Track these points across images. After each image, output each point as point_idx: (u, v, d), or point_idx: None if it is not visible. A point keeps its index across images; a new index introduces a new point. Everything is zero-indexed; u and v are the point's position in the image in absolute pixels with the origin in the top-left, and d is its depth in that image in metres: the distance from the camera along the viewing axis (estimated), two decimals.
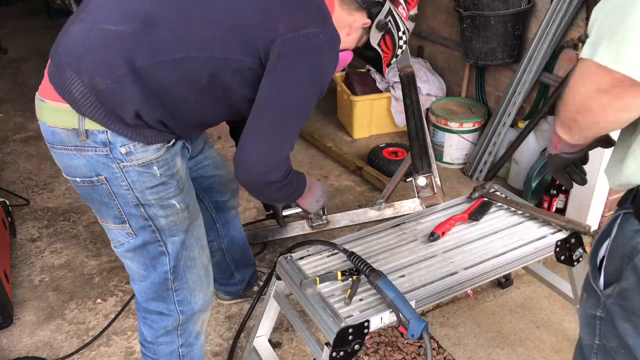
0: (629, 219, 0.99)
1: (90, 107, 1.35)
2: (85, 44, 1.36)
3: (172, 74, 1.36)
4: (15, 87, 4.68)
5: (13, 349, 2.21)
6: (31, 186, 3.28)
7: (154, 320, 1.68)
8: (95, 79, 1.34)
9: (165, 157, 1.48)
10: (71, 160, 1.44)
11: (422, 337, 1.41)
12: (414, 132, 2.29)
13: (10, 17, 6.53)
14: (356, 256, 1.60)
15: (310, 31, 1.36)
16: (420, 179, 1.79)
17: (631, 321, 0.99)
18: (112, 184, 1.45)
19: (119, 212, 1.50)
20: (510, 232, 1.84)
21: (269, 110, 1.40)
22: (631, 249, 0.95)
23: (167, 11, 1.35)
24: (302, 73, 1.37)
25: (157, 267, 1.58)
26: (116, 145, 1.40)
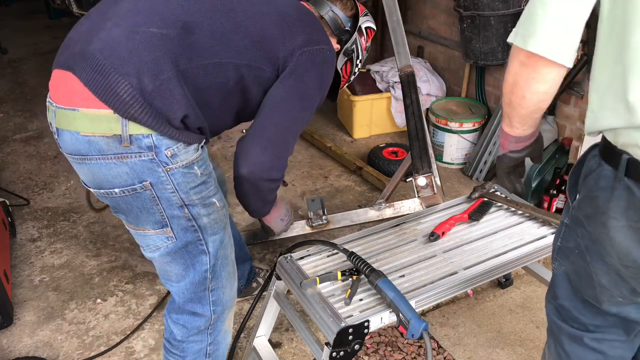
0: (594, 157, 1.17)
1: (140, 108, 1.33)
2: (129, 47, 1.35)
3: (205, 78, 1.44)
4: (15, 87, 4.69)
5: (13, 349, 2.21)
6: (31, 186, 3.29)
7: (187, 321, 1.66)
8: (143, 80, 1.33)
9: (203, 156, 1.51)
10: (110, 170, 1.40)
11: (422, 337, 1.41)
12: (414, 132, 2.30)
13: (10, 17, 6.53)
14: (356, 256, 1.60)
15: (322, 47, 1.58)
16: (420, 179, 1.79)
17: (582, 226, 1.19)
18: (157, 189, 1.43)
19: (161, 216, 1.48)
20: (510, 232, 1.84)
21: (281, 110, 1.54)
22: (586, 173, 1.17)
23: (202, 19, 1.44)
24: (314, 81, 1.56)
25: (197, 266, 1.57)
26: (161, 148, 1.39)
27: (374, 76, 3.83)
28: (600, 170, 1.13)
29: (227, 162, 3.44)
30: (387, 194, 2.65)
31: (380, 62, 3.96)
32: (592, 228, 1.16)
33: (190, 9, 1.44)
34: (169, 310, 1.70)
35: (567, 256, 1.26)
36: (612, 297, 1.18)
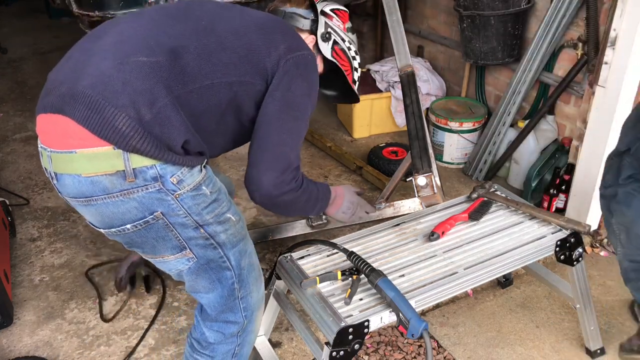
0: None
1: (141, 139, 1.30)
2: (121, 78, 1.32)
3: (200, 102, 1.42)
4: (15, 87, 4.69)
5: (13, 349, 2.21)
6: (31, 186, 3.28)
7: (222, 328, 1.66)
8: (140, 110, 1.31)
9: (209, 174, 1.49)
10: (118, 207, 1.37)
11: (422, 337, 1.41)
12: (414, 132, 2.30)
13: (10, 17, 6.54)
14: (356, 256, 1.60)
15: (303, 52, 1.55)
16: (420, 178, 1.79)
17: None
18: (169, 217, 1.42)
19: (178, 241, 1.47)
20: (510, 231, 1.84)
21: (275, 127, 1.52)
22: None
23: (187, 42, 1.41)
24: (302, 88, 1.53)
25: (223, 280, 1.57)
26: (167, 177, 1.37)
27: (374, 76, 3.83)
28: None
29: (227, 162, 3.44)
30: (387, 193, 2.65)
31: (380, 62, 3.96)
32: None
33: (174, 34, 1.42)
34: (203, 317, 1.68)
35: None
36: None
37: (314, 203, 1.69)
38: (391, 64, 3.84)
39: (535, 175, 2.91)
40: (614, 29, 2.30)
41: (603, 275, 2.55)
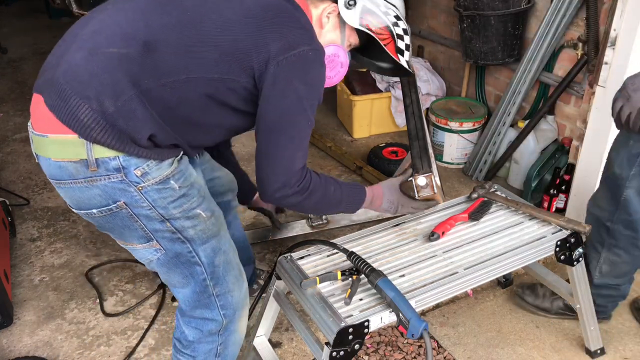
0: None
1: (102, 131, 1.33)
2: (89, 69, 1.34)
3: (173, 96, 1.38)
4: (15, 87, 4.69)
5: (13, 349, 2.21)
6: (31, 186, 3.28)
7: (199, 324, 1.66)
8: (104, 102, 1.32)
9: (180, 168, 1.47)
10: (82, 192, 1.41)
11: (422, 337, 1.41)
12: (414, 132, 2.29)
13: (10, 17, 6.53)
14: (356, 256, 1.60)
15: (301, 50, 1.41)
16: (420, 178, 1.79)
17: None
18: (132, 207, 1.43)
19: (143, 231, 1.48)
20: (510, 232, 1.84)
21: (274, 132, 1.46)
22: None
23: (165, 36, 1.37)
24: (299, 91, 1.42)
25: (195, 276, 1.58)
26: (130, 169, 1.38)
27: (374, 76, 3.83)
28: None
29: None
30: None
31: None
32: None
33: (154, 25, 1.38)
34: (181, 313, 1.69)
35: None
36: None
37: (334, 204, 1.67)
38: None
39: (535, 175, 2.91)
40: (614, 29, 2.30)
41: None
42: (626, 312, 2.33)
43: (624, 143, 1.78)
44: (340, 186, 1.67)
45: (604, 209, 1.95)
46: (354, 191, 1.72)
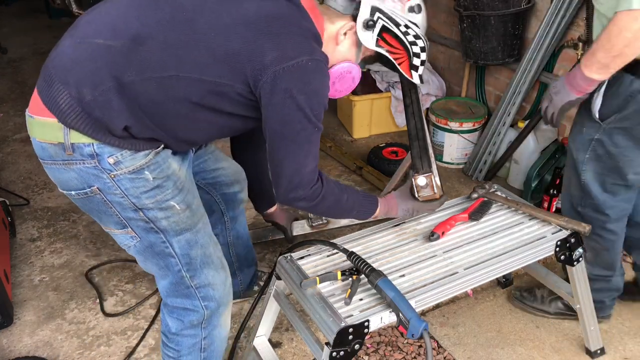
0: (620, 76, 1.71)
1: (77, 117, 1.37)
2: (73, 57, 1.38)
3: (161, 90, 1.38)
4: (15, 87, 4.69)
5: (13, 349, 2.21)
6: (31, 186, 3.28)
7: (180, 314, 1.69)
8: (82, 90, 1.36)
9: (156, 160, 1.48)
10: (62, 174, 1.46)
11: (422, 337, 1.41)
12: (414, 132, 2.28)
13: (10, 17, 6.53)
14: (356, 256, 1.60)
15: (299, 60, 1.37)
16: (420, 178, 1.79)
17: (626, 133, 1.79)
18: (105, 193, 1.46)
19: (118, 218, 1.51)
20: (510, 232, 1.84)
21: (278, 139, 1.47)
22: (631, 93, 1.71)
23: (157, 31, 1.37)
24: (299, 101, 1.39)
25: (170, 267, 1.60)
26: (103, 156, 1.41)
27: (374, 76, 3.82)
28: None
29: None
30: (386, 193, 2.65)
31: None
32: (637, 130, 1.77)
33: (146, 20, 1.38)
34: (163, 304, 1.72)
35: (596, 160, 1.89)
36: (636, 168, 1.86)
37: (346, 211, 1.70)
38: None
39: (535, 175, 2.91)
40: None
41: None
42: (626, 312, 2.33)
43: (578, 130, 1.92)
44: (354, 195, 1.70)
45: (574, 195, 2.04)
46: (366, 201, 1.75)
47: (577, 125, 1.94)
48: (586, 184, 1.95)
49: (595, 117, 1.82)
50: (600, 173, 1.92)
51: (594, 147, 1.87)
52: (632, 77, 1.71)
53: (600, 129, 1.83)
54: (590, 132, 1.86)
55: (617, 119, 1.79)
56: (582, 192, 1.98)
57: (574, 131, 1.96)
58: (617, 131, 1.81)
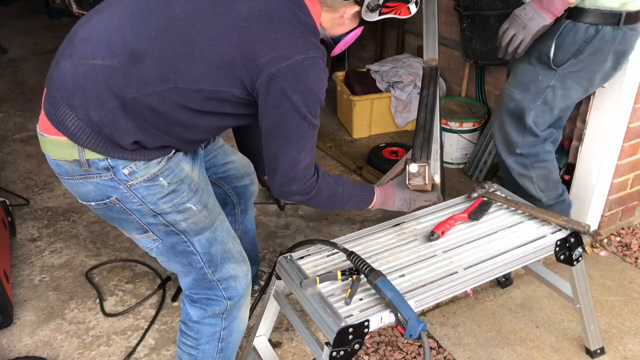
0: (572, 26, 1.97)
1: (87, 139, 1.39)
2: (74, 80, 1.38)
3: (163, 102, 1.39)
4: (15, 87, 4.68)
5: (13, 349, 2.21)
6: (31, 186, 3.28)
7: (204, 304, 1.71)
8: (88, 112, 1.37)
9: (169, 166, 1.51)
10: (79, 188, 1.49)
11: (420, 338, 1.40)
12: (422, 123, 2.29)
13: (10, 17, 6.53)
14: (356, 256, 1.60)
15: (294, 60, 1.36)
16: (413, 165, 1.78)
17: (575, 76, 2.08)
18: (124, 203, 1.49)
19: (139, 224, 1.54)
20: (510, 231, 1.84)
21: (273, 137, 1.48)
22: (587, 39, 1.97)
23: (152, 46, 1.36)
24: (294, 100, 1.39)
25: (193, 264, 1.63)
26: (118, 168, 1.44)
27: (374, 76, 3.83)
28: (602, 31, 1.95)
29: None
30: (384, 182, 2.64)
31: (380, 62, 3.96)
32: (588, 71, 2.05)
33: (140, 34, 1.36)
34: (186, 297, 1.74)
35: (543, 104, 2.15)
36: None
37: (342, 203, 1.71)
38: (391, 64, 3.85)
39: None
40: None
41: (603, 275, 2.55)
42: (626, 312, 2.33)
43: (533, 79, 2.14)
44: (350, 187, 1.71)
45: (513, 142, 2.28)
46: (363, 192, 1.76)
47: (526, 76, 2.16)
48: (530, 127, 2.22)
49: (551, 64, 2.05)
50: (538, 115, 2.19)
51: (546, 93, 2.12)
52: (587, 25, 1.94)
53: (555, 76, 2.07)
54: (547, 79, 2.10)
55: (572, 64, 2.03)
56: (525, 134, 2.24)
57: (522, 83, 2.17)
58: (568, 75, 2.06)
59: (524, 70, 2.18)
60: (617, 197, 2.70)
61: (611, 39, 1.98)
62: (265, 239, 2.81)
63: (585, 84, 2.12)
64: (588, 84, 2.14)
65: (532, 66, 2.14)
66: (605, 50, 2.01)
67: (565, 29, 1.99)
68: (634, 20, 1.99)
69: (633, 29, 2.02)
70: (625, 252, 2.70)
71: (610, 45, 2.00)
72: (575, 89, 2.13)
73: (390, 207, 1.82)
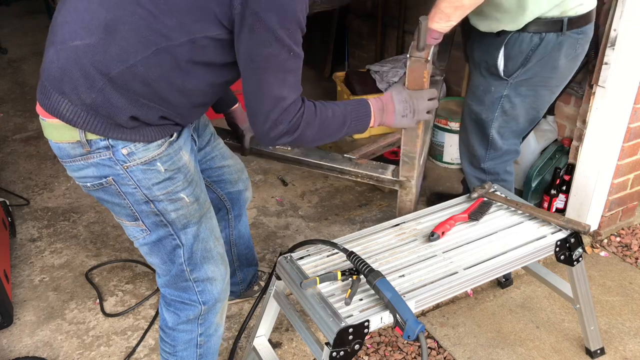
0: (517, 36, 1.99)
1: (85, 122, 1.39)
2: (59, 66, 1.38)
3: (149, 71, 1.36)
4: (15, 87, 4.69)
5: (13, 349, 2.21)
6: (31, 186, 3.29)
7: (177, 308, 1.71)
8: (80, 95, 1.37)
9: (168, 152, 1.50)
10: (80, 169, 1.49)
11: (418, 339, 1.40)
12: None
13: (10, 17, 6.54)
14: (355, 256, 1.60)
15: None
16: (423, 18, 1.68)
17: (528, 83, 2.08)
18: (119, 184, 1.49)
19: (130, 210, 1.54)
20: (510, 232, 1.84)
21: (251, 69, 1.39)
22: (532, 47, 1.99)
23: (123, 13, 1.34)
24: (268, 22, 1.31)
25: (174, 260, 1.62)
26: (118, 147, 1.44)
27: (374, 76, 3.82)
28: (546, 38, 1.96)
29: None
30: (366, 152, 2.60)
31: (381, 63, 3.96)
32: (540, 77, 2.05)
33: (109, 5, 1.34)
34: (162, 297, 1.74)
35: (502, 115, 2.16)
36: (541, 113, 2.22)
37: (338, 128, 1.58)
38: (391, 64, 3.84)
39: (535, 175, 2.91)
40: (614, 29, 2.30)
41: (603, 275, 2.55)
42: (626, 312, 2.33)
43: (485, 91, 2.15)
44: (339, 107, 1.57)
45: (477, 156, 2.32)
46: (357, 105, 1.62)
47: (479, 89, 2.17)
48: (493, 138, 2.23)
49: (501, 75, 2.07)
50: (502, 126, 2.20)
51: (502, 103, 2.13)
52: (530, 34, 1.96)
53: (507, 85, 2.09)
54: (499, 89, 2.11)
55: (521, 73, 2.04)
56: (487, 148, 2.27)
57: (477, 95, 2.19)
58: (520, 83, 2.07)
59: (476, 82, 2.19)
60: (617, 198, 2.70)
61: (557, 45, 1.98)
62: (265, 239, 2.81)
63: (542, 90, 2.11)
64: (545, 90, 2.12)
65: (483, 78, 2.15)
66: (553, 56, 2.00)
67: (510, 40, 2.00)
68: (578, 24, 1.98)
69: (580, 33, 2.00)
70: (625, 252, 2.70)
71: (557, 50, 1.99)
72: (533, 96, 2.11)
73: (391, 115, 1.67)
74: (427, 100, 1.73)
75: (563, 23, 1.95)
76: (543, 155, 2.97)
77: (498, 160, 2.31)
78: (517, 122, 2.20)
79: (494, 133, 2.22)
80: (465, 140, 2.35)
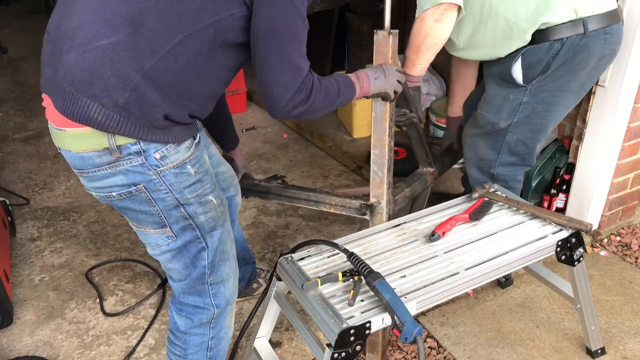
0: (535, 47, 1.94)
1: (117, 125, 1.35)
2: (87, 68, 1.33)
3: (178, 60, 1.35)
4: (15, 87, 4.68)
5: (13, 349, 2.21)
6: (31, 186, 3.28)
7: (190, 312, 1.70)
8: (113, 96, 1.33)
9: (196, 154, 1.51)
10: (106, 178, 1.44)
11: (415, 341, 1.40)
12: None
13: (11, 17, 6.53)
14: (355, 257, 1.60)
15: None
16: None
17: (549, 90, 2.02)
18: (150, 191, 1.46)
19: (159, 217, 1.51)
20: (511, 231, 1.84)
21: (271, 40, 1.41)
22: (553, 54, 1.93)
23: (146, 5, 1.33)
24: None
25: (197, 263, 1.61)
26: (150, 152, 1.41)
27: None
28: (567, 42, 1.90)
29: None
30: None
31: None
32: (562, 82, 1.99)
33: None
34: (173, 302, 1.73)
35: (523, 122, 2.10)
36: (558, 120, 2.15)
37: (335, 95, 1.61)
38: None
39: (535, 175, 2.91)
40: None
41: (603, 275, 2.55)
42: (626, 312, 2.33)
43: (504, 99, 2.09)
44: (330, 77, 1.63)
45: (486, 160, 2.26)
46: (341, 76, 1.67)
47: (496, 98, 2.11)
48: (509, 144, 2.17)
49: (520, 83, 2.01)
50: (522, 132, 2.13)
51: (522, 110, 2.07)
52: (548, 43, 1.91)
53: (526, 92, 2.03)
54: (518, 96, 2.06)
55: (542, 79, 1.99)
56: (499, 153, 2.21)
57: (494, 105, 2.13)
58: (541, 89, 2.01)
59: (492, 92, 2.13)
60: (617, 197, 2.70)
61: (580, 48, 1.91)
62: (265, 239, 2.81)
63: (565, 95, 2.04)
64: (569, 94, 2.05)
65: (500, 87, 2.09)
66: (577, 59, 1.93)
67: (527, 51, 1.94)
68: (602, 24, 1.91)
69: (608, 32, 1.93)
70: (625, 251, 2.70)
71: (581, 53, 1.92)
72: (555, 102, 2.04)
73: (365, 79, 1.73)
74: (396, 70, 1.81)
75: (584, 23, 1.87)
76: (543, 154, 2.96)
77: (510, 168, 2.25)
78: (538, 129, 2.12)
79: (511, 139, 2.15)
80: (474, 146, 2.27)
